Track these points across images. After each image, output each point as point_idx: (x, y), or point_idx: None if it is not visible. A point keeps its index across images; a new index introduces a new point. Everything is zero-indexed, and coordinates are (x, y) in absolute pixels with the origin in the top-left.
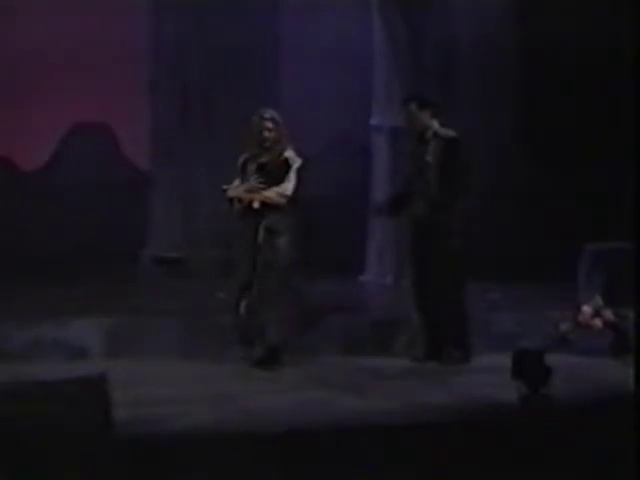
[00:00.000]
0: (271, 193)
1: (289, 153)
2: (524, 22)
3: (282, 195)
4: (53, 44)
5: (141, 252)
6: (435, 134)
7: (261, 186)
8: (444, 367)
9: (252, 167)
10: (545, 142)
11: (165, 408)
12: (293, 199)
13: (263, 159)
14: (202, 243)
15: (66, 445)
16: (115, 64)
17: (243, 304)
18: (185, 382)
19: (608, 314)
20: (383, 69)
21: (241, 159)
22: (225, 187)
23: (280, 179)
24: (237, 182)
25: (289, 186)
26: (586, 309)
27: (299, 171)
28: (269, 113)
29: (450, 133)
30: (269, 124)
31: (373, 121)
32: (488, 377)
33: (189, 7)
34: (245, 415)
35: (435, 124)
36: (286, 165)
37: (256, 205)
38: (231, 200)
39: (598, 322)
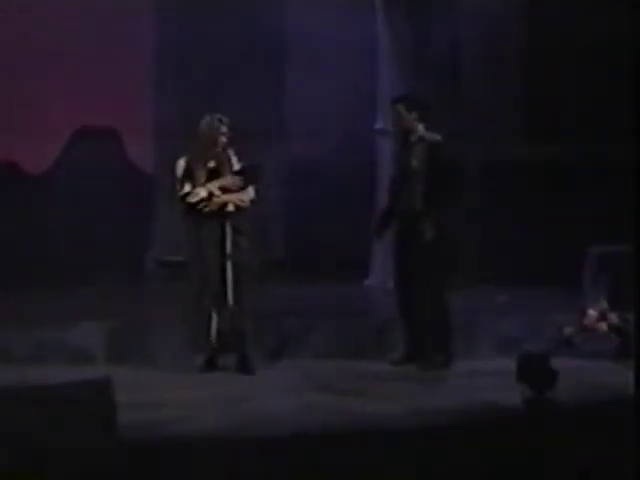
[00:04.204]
0: (245, 196)
1: (235, 157)
2: (528, 22)
3: (251, 200)
4: (56, 46)
5: (145, 255)
6: (420, 138)
7: (240, 184)
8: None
9: (202, 171)
10: (548, 142)
11: (168, 412)
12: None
13: (212, 164)
14: None
15: (69, 448)
16: (119, 66)
17: (215, 310)
18: (188, 385)
19: (613, 317)
20: (388, 72)
21: (182, 162)
22: (185, 192)
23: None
24: (188, 187)
25: (253, 191)
26: (592, 312)
27: None
28: (224, 118)
29: (436, 137)
30: (224, 129)
31: (378, 125)
32: (492, 380)
33: (192, 9)
34: (247, 419)
35: (421, 128)
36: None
37: (231, 208)
38: (196, 204)
39: (603, 326)
